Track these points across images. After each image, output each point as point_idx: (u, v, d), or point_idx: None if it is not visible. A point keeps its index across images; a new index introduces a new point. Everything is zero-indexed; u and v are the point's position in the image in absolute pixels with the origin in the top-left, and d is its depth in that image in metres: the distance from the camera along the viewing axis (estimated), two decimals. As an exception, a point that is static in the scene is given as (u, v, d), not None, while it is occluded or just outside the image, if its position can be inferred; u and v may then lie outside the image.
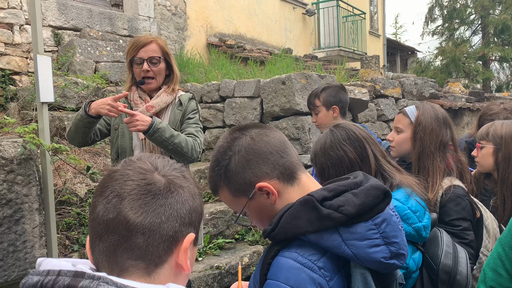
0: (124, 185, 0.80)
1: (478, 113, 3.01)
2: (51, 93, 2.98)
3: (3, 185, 2.60)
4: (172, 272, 0.81)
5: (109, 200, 0.79)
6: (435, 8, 16.28)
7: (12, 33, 5.74)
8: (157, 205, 0.79)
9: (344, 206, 1.01)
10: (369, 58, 8.22)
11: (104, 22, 6.81)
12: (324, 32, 12.64)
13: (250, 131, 1.13)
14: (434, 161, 1.93)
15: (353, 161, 1.47)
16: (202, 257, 4.07)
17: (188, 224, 0.82)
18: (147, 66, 2.31)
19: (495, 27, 14.49)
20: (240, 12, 9.80)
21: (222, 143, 1.14)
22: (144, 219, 0.77)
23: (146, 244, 0.77)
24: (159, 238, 0.78)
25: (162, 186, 0.81)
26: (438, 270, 1.52)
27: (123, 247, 0.77)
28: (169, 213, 0.79)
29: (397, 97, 5.66)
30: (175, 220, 0.80)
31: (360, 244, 1.00)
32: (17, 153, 2.64)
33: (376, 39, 16.71)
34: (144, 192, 0.79)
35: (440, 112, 2.06)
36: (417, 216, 1.52)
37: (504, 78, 16.44)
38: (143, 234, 0.77)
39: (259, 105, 4.58)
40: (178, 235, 0.80)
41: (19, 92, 5.38)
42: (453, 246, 1.61)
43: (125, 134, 2.36)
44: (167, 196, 0.80)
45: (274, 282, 1.00)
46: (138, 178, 0.80)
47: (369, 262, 1.01)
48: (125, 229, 0.77)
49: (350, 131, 1.52)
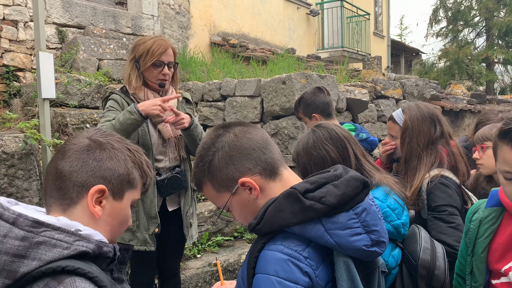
0: (64, 144, 1.06)
1: (476, 118, 3.01)
2: (53, 90, 3.02)
3: (4, 179, 2.64)
4: (86, 214, 1.01)
5: (53, 157, 1.06)
6: (439, 10, 16.25)
7: (17, 30, 5.80)
8: (74, 158, 1.02)
9: (326, 197, 1.04)
10: (371, 59, 8.24)
11: (108, 20, 6.86)
12: (328, 32, 12.66)
13: (234, 128, 1.16)
14: (420, 161, 2.01)
15: (335, 160, 1.50)
16: (200, 254, 4.11)
17: (100, 177, 1.02)
18: (167, 70, 2.41)
19: (499, 30, 14.44)
20: (244, 11, 9.83)
21: (206, 139, 1.18)
22: (63, 167, 1.01)
23: (61, 187, 1.01)
24: (71, 183, 1.01)
25: (83, 145, 1.04)
26: (417, 265, 1.56)
27: (50, 188, 1.03)
28: (81, 165, 1.01)
29: (398, 98, 5.67)
30: (86, 171, 1.01)
31: (342, 233, 1.03)
32: (18, 148, 2.69)
33: (380, 40, 16.70)
34: (68, 148, 1.04)
35: (426, 110, 2.09)
36: (396, 213, 1.56)
37: (508, 81, 16.39)
38: (60, 178, 1.01)
39: (260, 104, 4.62)
40: (87, 184, 1.01)
41: (22, 89, 5.44)
42: (431, 242, 1.65)
43: (145, 132, 2.41)
44: (83, 153, 1.03)
45: (264, 275, 1.03)
46: (72, 140, 1.06)
47: (351, 250, 1.04)
48: (52, 174, 1.02)
49: (332, 131, 1.56)
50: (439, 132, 2.06)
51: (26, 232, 0.89)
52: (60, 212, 1.01)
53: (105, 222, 1.04)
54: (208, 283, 3.81)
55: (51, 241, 0.89)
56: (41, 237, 0.89)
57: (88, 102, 4.95)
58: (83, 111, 4.67)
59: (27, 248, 0.87)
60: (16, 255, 0.86)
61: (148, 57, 2.40)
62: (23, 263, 0.86)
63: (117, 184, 1.05)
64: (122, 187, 1.06)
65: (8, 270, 0.86)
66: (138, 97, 2.46)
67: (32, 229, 0.89)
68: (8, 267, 0.86)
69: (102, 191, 1.02)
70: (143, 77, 2.45)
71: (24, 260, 0.86)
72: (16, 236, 0.88)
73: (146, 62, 2.40)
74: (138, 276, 2.57)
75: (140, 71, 2.44)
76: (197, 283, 3.75)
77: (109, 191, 1.03)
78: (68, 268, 0.88)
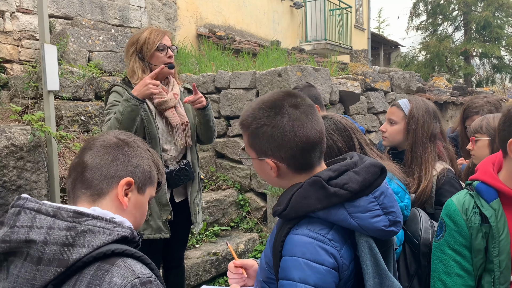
0: (90, 142, 1.14)
1: (462, 107, 3.13)
2: (57, 82, 3.03)
3: (13, 172, 2.65)
4: (114, 205, 1.08)
5: (79, 152, 1.14)
6: (419, 4, 16.55)
7: (3, 20, 5.69)
8: (104, 152, 1.10)
9: (349, 184, 1.14)
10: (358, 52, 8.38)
11: (95, 11, 6.78)
12: (311, 25, 12.75)
13: (296, 115, 1.18)
14: (425, 151, 2.10)
15: (341, 149, 1.58)
16: (199, 244, 4.18)
17: (128, 171, 1.10)
18: (171, 52, 2.49)
19: (477, 24, 14.83)
20: (230, 3, 9.83)
21: (275, 101, 1.20)
22: (93, 161, 1.08)
23: (91, 179, 1.07)
24: (101, 175, 1.08)
25: (112, 142, 1.12)
26: (419, 244, 1.70)
27: (78, 180, 1.08)
28: (112, 159, 1.09)
29: (386, 90, 5.82)
30: (117, 165, 1.09)
31: (363, 215, 1.13)
32: (26, 140, 2.69)
33: (361, 33, 16.90)
34: (98, 145, 1.11)
35: (431, 106, 2.23)
36: (399, 196, 1.68)
37: (484, 74, 16.87)
38: (90, 171, 1.08)
39: (255, 97, 4.68)
40: (118, 176, 1.09)
41: (10, 81, 5.34)
42: (431, 222, 1.79)
43: (151, 122, 2.45)
44: (113, 149, 1.11)
45: (292, 257, 1.11)
46: (99, 138, 1.14)
47: (373, 231, 1.14)
48: (80, 167, 1.09)
49: (338, 121, 1.64)
50: (439, 129, 2.19)
51: (70, 222, 0.95)
52: (90, 203, 1.07)
53: (130, 213, 1.11)
54: (208, 272, 3.88)
55: (95, 229, 0.96)
56: (86, 226, 0.96)
57: (81, 94, 4.92)
58: (77, 104, 4.64)
59: (74, 237, 0.93)
60: (65, 244, 0.92)
61: (151, 44, 2.46)
62: (73, 251, 0.92)
63: (142, 178, 1.13)
64: (145, 182, 1.15)
65: (59, 259, 0.91)
66: None
67: (75, 220, 0.96)
68: (59, 256, 0.91)
69: (130, 183, 1.10)
70: (149, 66, 2.49)
71: (73, 248, 0.92)
72: (62, 227, 0.94)
73: (151, 48, 2.46)
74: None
75: (146, 61, 2.48)
76: (198, 272, 3.82)
77: (135, 185, 1.11)
78: (117, 250, 0.95)
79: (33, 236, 0.92)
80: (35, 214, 0.96)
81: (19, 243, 0.92)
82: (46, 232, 0.92)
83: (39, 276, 0.90)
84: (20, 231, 0.93)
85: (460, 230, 1.43)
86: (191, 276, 3.75)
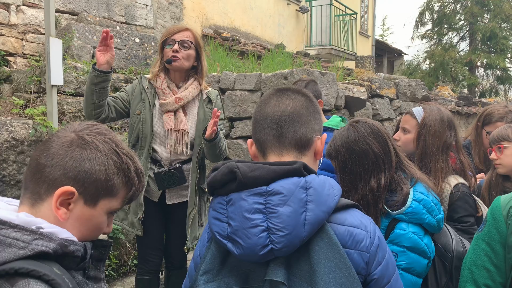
0: (52, 135, 0.99)
1: (478, 115, 3.06)
2: (61, 77, 2.98)
3: (13, 166, 2.59)
4: (52, 214, 0.92)
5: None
6: (425, 13, 16.54)
7: (9, 13, 5.64)
8: (53, 151, 0.94)
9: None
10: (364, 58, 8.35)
11: (101, 7, 6.74)
12: (316, 30, 12.73)
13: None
14: (436, 162, 2.00)
15: (377, 154, 1.52)
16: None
17: (71, 178, 0.93)
18: (177, 47, 2.36)
19: (483, 34, 14.82)
20: (236, 5, 9.80)
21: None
22: (40, 159, 0.94)
23: (33, 179, 0.94)
24: (42, 178, 0.93)
25: (65, 140, 0.96)
26: (452, 257, 1.62)
27: (26, 179, 0.96)
28: (56, 161, 0.93)
29: (392, 98, 5.78)
30: (59, 169, 0.93)
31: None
32: (28, 134, 2.64)
33: (365, 39, 16.88)
34: (52, 140, 0.97)
35: (446, 115, 2.13)
36: (437, 208, 1.61)
37: (487, 85, 16.85)
38: (36, 170, 0.94)
39: (259, 99, 4.63)
40: (57, 182, 0.93)
41: (13, 74, 5.30)
42: (459, 236, 1.71)
43: (146, 121, 2.39)
44: (63, 148, 0.94)
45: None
46: (60, 132, 0.99)
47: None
48: (31, 165, 0.96)
49: (374, 126, 1.58)
50: (453, 139, 2.08)
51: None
52: (28, 207, 0.94)
53: (72, 226, 0.95)
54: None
55: (6, 240, 0.83)
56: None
57: (84, 90, 4.86)
58: (80, 99, 4.59)
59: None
60: None
61: (162, 37, 2.43)
62: None
63: (91, 189, 0.95)
64: (97, 193, 0.96)
65: None
66: (156, 84, 2.45)
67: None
68: None
69: (71, 193, 0.93)
70: (162, 63, 2.44)
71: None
72: None
73: (160, 42, 2.42)
74: (145, 264, 2.58)
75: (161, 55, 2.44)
76: (196, 275, 3.76)
77: (80, 195, 0.94)
78: (22, 270, 0.80)
79: None
80: None
81: None
82: None
83: None
84: None
85: (497, 226, 1.44)
86: (189, 279, 3.69)
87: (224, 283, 1.02)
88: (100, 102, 2.25)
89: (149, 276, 2.58)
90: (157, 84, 2.44)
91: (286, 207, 0.96)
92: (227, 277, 1.02)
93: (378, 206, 1.56)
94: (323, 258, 0.96)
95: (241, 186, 1.00)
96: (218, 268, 1.03)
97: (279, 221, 0.95)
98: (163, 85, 2.43)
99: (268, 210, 0.97)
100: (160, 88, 2.43)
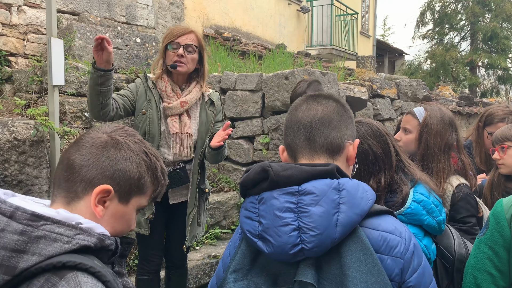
0: (82, 136, 1.04)
1: (480, 115, 3.05)
2: (62, 77, 2.99)
3: (14, 166, 2.60)
4: (88, 211, 0.97)
5: (69, 145, 1.04)
6: (426, 13, 16.52)
7: (10, 13, 5.65)
8: (87, 152, 0.99)
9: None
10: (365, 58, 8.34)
11: (102, 7, 6.75)
12: (317, 30, 12.72)
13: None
14: (438, 162, 2.00)
15: (377, 155, 1.52)
16: (199, 246, 4.13)
17: (108, 177, 0.98)
18: (182, 51, 2.35)
19: (484, 34, 14.80)
20: (237, 5, 9.81)
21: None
22: (74, 159, 0.98)
23: (69, 179, 0.98)
24: (79, 177, 0.98)
25: (100, 141, 1.00)
26: (454, 259, 1.61)
27: (58, 178, 1.00)
28: (93, 161, 0.98)
29: (393, 98, 5.78)
30: (96, 168, 0.98)
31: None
32: (29, 134, 2.64)
33: (366, 39, 16.87)
34: (85, 141, 1.01)
35: (447, 115, 2.12)
36: (438, 210, 1.60)
37: (488, 85, 16.82)
38: (70, 170, 0.98)
39: (261, 99, 4.64)
40: (94, 181, 0.98)
41: (14, 74, 5.30)
42: (462, 238, 1.71)
43: (154, 121, 2.40)
44: (98, 149, 0.99)
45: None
46: (91, 133, 1.03)
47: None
48: (63, 164, 1.00)
49: (374, 126, 1.58)
50: (455, 139, 2.08)
51: (25, 226, 0.86)
52: (64, 205, 0.98)
53: (106, 222, 1.00)
54: (207, 275, 3.83)
55: (51, 235, 0.86)
56: (41, 231, 0.86)
57: (85, 91, 4.87)
58: (81, 100, 4.59)
59: (26, 242, 0.84)
60: (15, 250, 0.84)
61: (166, 39, 2.40)
62: (22, 258, 0.83)
63: (125, 187, 1.01)
64: (130, 191, 1.02)
65: (7, 265, 0.83)
66: (159, 85, 2.45)
67: (31, 223, 0.86)
68: (7, 262, 0.83)
69: (108, 191, 0.98)
70: (165, 65, 2.44)
71: (23, 255, 0.83)
72: (15, 230, 0.85)
73: (163, 44, 2.40)
74: (146, 264, 2.58)
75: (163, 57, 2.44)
76: (197, 275, 3.76)
77: (115, 193, 1.00)
78: (69, 263, 0.84)
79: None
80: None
81: None
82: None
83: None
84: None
85: (501, 230, 1.42)
86: (190, 279, 3.69)
87: (253, 283, 1.02)
88: (107, 101, 2.23)
89: (150, 276, 2.59)
90: (161, 86, 2.44)
91: (318, 207, 0.96)
92: (256, 277, 1.02)
93: None
94: (355, 262, 0.94)
95: (273, 185, 1.01)
96: (248, 268, 1.04)
97: (311, 220, 0.95)
98: (167, 87, 2.43)
99: (299, 210, 0.97)
100: (164, 91, 2.43)
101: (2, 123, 2.60)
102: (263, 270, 1.03)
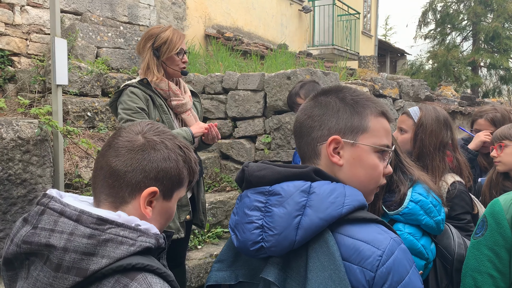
0: (115, 139, 1.04)
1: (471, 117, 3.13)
2: (66, 76, 3.00)
3: (18, 165, 2.62)
4: (137, 213, 1.00)
5: (103, 148, 1.05)
6: (428, 12, 16.50)
7: (13, 13, 5.67)
8: (128, 157, 1.00)
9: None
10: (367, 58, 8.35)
11: (104, 7, 6.76)
12: (319, 29, 12.73)
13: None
14: (433, 161, 2.03)
15: None
16: (201, 245, 4.13)
17: (152, 179, 1.01)
18: (186, 58, 2.52)
19: (486, 34, 14.77)
20: (239, 5, 9.82)
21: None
22: (116, 166, 1.00)
23: (114, 185, 1.00)
24: (124, 183, 0.99)
25: (137, 144, 1.02)
26: (453, 259, 1.62)
27: (101, 184, 1.01)
28: (136, 166, 1.00)
29: (395, 98, 5.78)
30: (140, 172, 1.00)
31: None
32: (33, 133, 2.66)
33: (368, 39, 16.88)
34: (122, 146, 1.01)
35: (442, 114, 2.15)
36: (437, 210, 1.61)
37: (490, 85, 16.79)
38: (113, 176, 1.00)
39: (263, 99, 4.65)
40: (140, 185, 1.00)
41: (17, 74, 5.33)
42: (462, 238, 1.72)
43: (171, 124, 2.48)
44: (138, 153, 1.01)
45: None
46: (124, 135, 1.04)
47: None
48: (104, 170, 1.01)
49: None
50: (450, 138, 2.11)
51: (92, 229, 0.89)
52: (112, 208, 1.01)
53: (154, 220, 1.04)
54: (209, 274, 3.84)
55: (117, 238, 0.90)
56: (108, 235, 0.90)
57: (88, 90, 4.90)
58: (84, 99, 4.62)
59: (95, 245, 0.88)
60: (85, 253, 0.87)
61: (172, 46, 2.45)
62: (93, 260, 0.87)
63: (168, 185, 1.04)
64: (173, 187, 1.06)
65: (78, 267, 0.86)
66: (160, 87, 2.47)
67: (97, 227, 0.90)
68: (78, 264, 0.86)
69: (154, 193, 1.02)
70: (164, 66, 2.49)
71: (93, 258, 0.87)
72: (83, 233, 0.88)
73: (170, 51, 2.44)
74: None
75: (160, 60, 2.46)
76: (199, 274, 3.77)
77: (160, 192, 1.03)
78: (138, 265, 0.88)
79: (54, 241, 0.87)
80: (58, 217, 0.90)
81: (40, 246, 0.88)
82: (67, 238, 0.88)
83: (57, 283, 0.87)
84: (41, 233, 0.89)
85: (502, 231, 1.40)
86: (192, 278, 3.70)
87: (234, 275, 1.07)
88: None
89: None
90: (161, 86, 2.49)
91: (280, 208, 0.96)
92: (238, 270, 1.07)
93: (375, 206, 1.57)
94: (318, 266, 0.93)
95: (248, 184, 1.05)
96: (231, 260, 1.09)
97: (271, 220, 0.96)
98: (171, 86, 2.51)
99: (266, 209, 0.99)
100: (171, 90, 2.50)
101: (6, 122, 2.62)
102: (246, 264, 1.07)
